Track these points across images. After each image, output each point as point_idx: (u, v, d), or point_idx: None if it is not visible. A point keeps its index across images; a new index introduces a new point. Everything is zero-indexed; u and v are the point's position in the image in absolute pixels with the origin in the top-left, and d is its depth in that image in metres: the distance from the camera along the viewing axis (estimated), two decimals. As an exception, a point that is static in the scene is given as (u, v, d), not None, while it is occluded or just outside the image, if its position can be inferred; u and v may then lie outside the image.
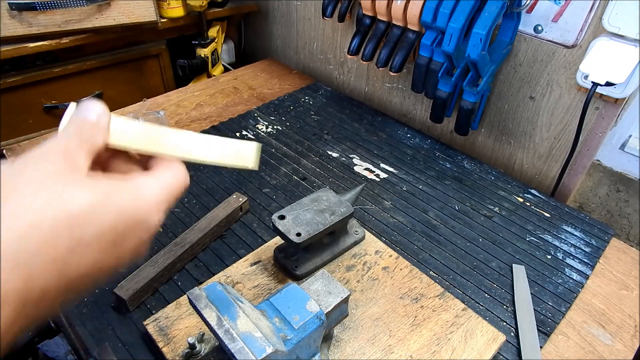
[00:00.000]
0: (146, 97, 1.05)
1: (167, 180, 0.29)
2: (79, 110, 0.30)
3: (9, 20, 0.91)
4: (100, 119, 0.30)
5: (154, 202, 0.28)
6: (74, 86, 1.11)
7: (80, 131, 0.28)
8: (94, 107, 0.30)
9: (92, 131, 0.29)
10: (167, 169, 0.30)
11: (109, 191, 0.26)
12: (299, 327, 0.43)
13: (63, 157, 0.26)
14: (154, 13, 1.06)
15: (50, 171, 0.25)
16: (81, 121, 0.29)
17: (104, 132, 0.30)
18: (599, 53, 0.69)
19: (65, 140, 0.27)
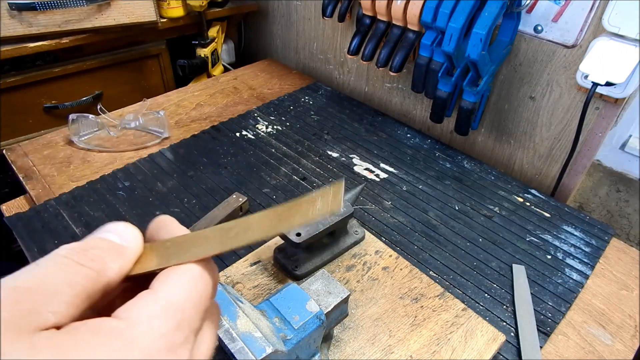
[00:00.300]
0: (146, 97, 1.05)
1: (172, 294, 0.20)
2: (104, 228, 0.22)
3: (9, 20, 0.91)
4: (127, 242, 0.21)
5: (153, 342, 0.18)
6: (74, 86, 1.11)
7: (84, 251, 0.20)
8: (123, 229, 0.22)
9: (105, 254, 0.20)
10: (173, 274, 0.20)
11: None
12: (299, 327, 0.43)
13: (17, 301, 0.17)
14: (154, 13, 1.06)
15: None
16: (96, 240, 0.21)
17: (125, 261, 0.21)
18: (599, 53, 0.69)
19: (40, 272, 0.18)
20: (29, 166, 0.85)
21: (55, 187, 0.80)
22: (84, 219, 0.73)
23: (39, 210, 0.74)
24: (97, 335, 0.17)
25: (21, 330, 0.16)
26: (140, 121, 0.96)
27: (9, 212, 0.76)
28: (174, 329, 0.19)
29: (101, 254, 0.20)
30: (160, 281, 0.20)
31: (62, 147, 0.90)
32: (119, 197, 0.78)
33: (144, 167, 0.85)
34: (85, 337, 0.17)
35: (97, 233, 0.21)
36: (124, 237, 0.21)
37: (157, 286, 0.20)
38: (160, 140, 0.93)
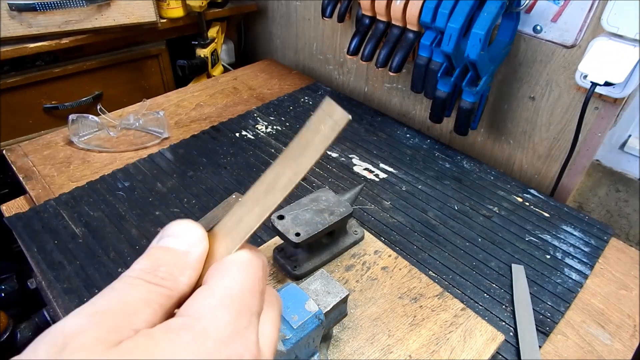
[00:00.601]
0: (146, 98, 1.05)
1: (226, 285, 0.20)
2: (164, 233, 0.21)
3: (9, 21, 0.91)
4: (193, 247, 0.21)
5: (221, 331, 0.19)
6: (74, 86, 1.11)
7: (154, 270, 0.20)
8: (186, 232, 0.22)
9: (173, 268, 0.20)
10: (223, 267, 0.21)
11: None
12: (298, 327, 0.43)
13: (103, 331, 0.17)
14: (153, 13, 1.06)
15: None
16: (161, 252, 0.21)
17: (194, 270, 0.21)
18: (598, 53, 0.69)
19: (118, 296, 0.19)
20: (29, 166, 0.85)
21: (55, 187, 0.80)
22: (83, 219, 0.73)
23: (38, 210, 0.75)
24: (169, 333, 0.18)
25: (109, 344, 0.17)
26: (140, 121, 0.96)
27: (9, 212, 0.76)
28: (236, 316, 0.20)
29: (170, 270, 0.20)
30: (212, 275, 0.21)
31: (62, 147, 0.90)
32: (118, 197, 0.78)
33: (144, 168, 0.85)
34: (160, 336, 0.18)
35: (161, 239, 0.21)
36: (188, 240, 0.21)
37: (210, 281, 0.20)
38: (160, 140, 0.93)
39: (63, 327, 0.17)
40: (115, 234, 0.71)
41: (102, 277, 0.64)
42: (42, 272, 0.65)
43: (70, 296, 0.61)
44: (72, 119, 0.90)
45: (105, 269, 0.65)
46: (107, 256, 0.67)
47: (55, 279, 0.63)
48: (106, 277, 0.64)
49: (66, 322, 0.18)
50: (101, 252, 0.68)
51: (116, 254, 0.67)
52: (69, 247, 0.68)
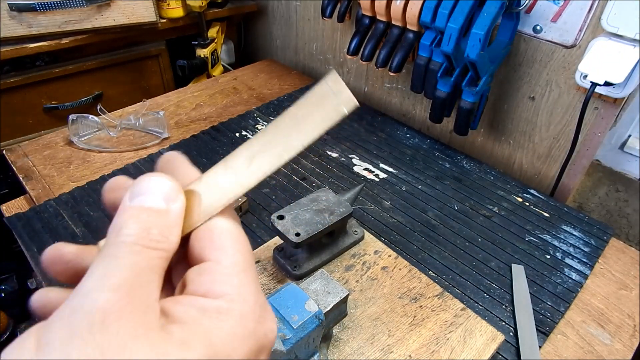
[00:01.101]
0: (146, 98, 1.05)
1: (235, 261, 0.20)
2: (135, 190, 0.20)
3: (9, 21, 0.91)
4: (172, 203, 0.20)
5: (254, 311, 0.19)
6: (74, 86, 1.11)
7: (147, 233, 0.19)
8: (165, 188, 0.20)
9: (164, 229, 0.19)
10: (221, 240, 0.21)
11: (203, 348, 0.17)
12: (298, 327, 0.43)
13: (130, 311, 0.17)
14: (153, 13, 1.06)
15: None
16: (145, 213, 0.19)
17: (179, 227, 0.20)
18: (597, 53, 0.69)
19: (128, 264, 0.18)
20: (29, 166, 0.85)
21: (55, 187, 0.80)
22: (83, 219, 0.73)
23: (38, 210, 0.75)
24: (212, 318, 0.18)
25: (150, 327, 0.17)
26: (140, 121, 0.96)
27: (9, 212, 0.76)
28: (257, 292, 0.20)
29: (162, 231, 0.19)
30: (212, 249, 0.20)
31: (62, 147, 0.90)
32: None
33: (144, 168, 0.85)
34: (203, 321, 0.18)
35: (135, 198, 0.20)
36: (164, 196, 0.20)
37: (216, 256, 0.20)
38: (159, 140, 0.93)
39: (94, 301, 0.16)
40: (115, 234, 0.71)
41: (102, 277, 0.64)
42: (42, 272, 0.65)
43: (70, 296, 0.61)
44: (72, 119, 0.90)
45: (105, 269, 0.65)
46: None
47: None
48: (106, 277, 0.64)
49: (89, 297, 0.17)
50: (101, 252, 0.68)
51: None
52: (69, 247, 0.68)
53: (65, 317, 0.16)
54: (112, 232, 0.20)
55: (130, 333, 0.16)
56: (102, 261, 0.18)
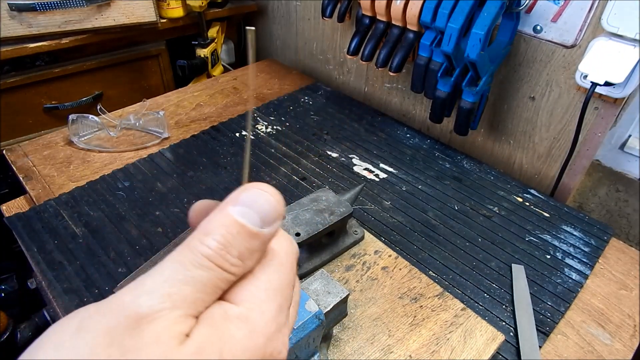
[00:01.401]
0: (146, 98, 1.05)
1: (271, 278, 0.20)
2: (241, 198, 0.21)
3: (9, 21, 0.91)
4: (267, 227, 0.20)
5: (268, 327, 0.19)
6: (74, 86, 1.11)
7: (226, 252, 0.19)
8: (264, 200, 0.20)
9: (245, 253, 0.19)
10: (265, 258, 0.21)
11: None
12: (298, 327, 0.43)
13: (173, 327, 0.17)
14: (153, 13, 1.06)
15: None
16: (236, 229, 0.19)
17: (261, 252, 0.21)
18: (598, 53, 0.69)
19: (192, 278, 0.18)
20: (29, 166, 0.85)
21: (55, 187, 0.80)
22: (84, 219, 0.73)
23: (39, 210, 0.75)
24: (229, 322, 0.18)
25: (181, 335, 0.17)
26: (140, 121, 0.96)
27: (9, 212, 0.76)
28: (278, 311, 0.20)
29: (242, 255, 0.19)
30: (259, 265, 0.21)
31: (62, 147, 0.90)
32: (118, 197, 0.78)
33: (144, 167, 0.85)
34: (222, 326, 0.18)
35: (238, 206, 0.20)
36: (267, 219, 0.20)
37: (257, 270, 0.20)
38: (159, 140, 0.93)
39: (138, 306, 0.17)
40: (115, 234, 0.71)
41: (102, 277, 0.64)
42: (42, 272, 0.65)
43: (70, 296, 0.61)
44: (72, 119, 0.90)
45: (105, 269, 0.65)
46: (107, 256, 0.67)
47: (55, 279, 0.63)
48: (106, 277, 0.64)
49: (139, 299, 0.17)
50: (101, 252, 0.68)
51: (116, 254, 0.67)
52: (69, 247, 0.68)
53: (108, 312, 0.17)
54: (198, 232, 0.19)
55: (153, 341, 0.17)
56: (172, 264, 0.19)
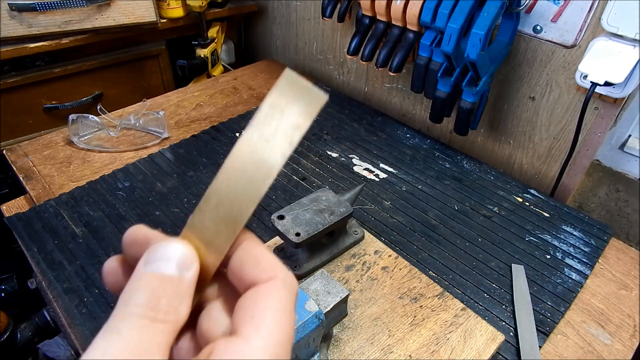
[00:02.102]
0: (146, 98, 1.05)
1: (265, 342, 0.19)
2: (150, 257, 0.20)
3: (9, 21, 0.91)
4: (186, 271, 0.20)
5: None
6: (74, 86, 1.11)
7: (156, 304, 0.18)
8: (173, 250, 0.20)
9: (174, 299, 0.19)
10: (259, 312, 0.19)
11: None
12: (298, 327, 0.43)
13: None
14: (153, 13, 1.06)
15: None
16: (156, 281, 0.19)
17: (191, 295, 0.20)
18: (597, 53, 0.69)
19: (131, 343, 0.17)
20: (29, 166, 0.85)
21: (55, 187, 0.80)
22: (84, 219, 0.73)
23: (39, 210, 0.75)
24: None
25: None
26: (140, 121, 0.96)
27: (9, 212, 0.76)
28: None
29: (171, 302, 0.19)
30: (250, 325, 0.19)
31: (62, 147, 0.90)
32: (118, 197, 0.78)
33: (144, 167, 0.85)
34: None
35: (149, 264, 0.19)
36: (179, 263, 0.19)
37: (248, 333, 0.19)
38: (160, 140, 0.93)
39: None
40: (115, 234, 0.71)
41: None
42: (42, 272, 0.65)
43: (70, 296, 0.61)
44: (72, 119, 0.90)
45: (105, 269, 0.65)
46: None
47: (55, 279, 0.63)
48: (106, 277, 0.64)
49: None
50: (101, 252, 0.68)
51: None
52: (69, 247, 0.68)
53: None
54: (122, 300, 0.19)
55: None
56: (105, 336, 0.18)
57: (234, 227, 0.20)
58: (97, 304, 0.60)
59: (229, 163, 0.20)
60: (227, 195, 0.20)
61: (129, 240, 0.22)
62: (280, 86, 0.20)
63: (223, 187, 0.20)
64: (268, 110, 0.20)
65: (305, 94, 0.20)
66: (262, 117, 0.20)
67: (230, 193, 0.20)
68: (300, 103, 0.20)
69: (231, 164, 0.21)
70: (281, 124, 0.20)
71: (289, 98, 0.20)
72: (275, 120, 0.20)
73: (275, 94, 0.20)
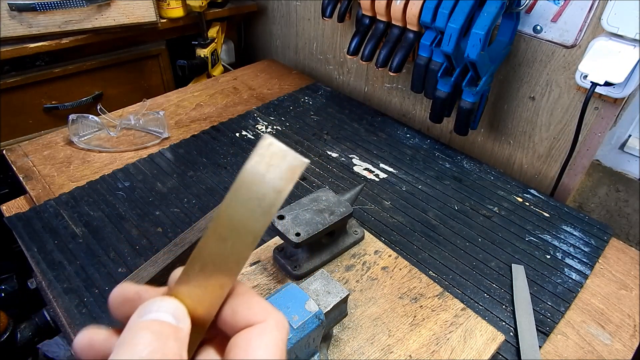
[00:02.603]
0: (146, 98, 1.05)
1: None
2: (144, 309, 0.20)
3: (9, 21, 0.91)
4: (181, 322, 0.20)
5: None
6: (74, 86, 1.11)
7: (164, 345, 0.18)
8: (167, 303, 0.20)
9: (178, 345, 0.19)
10: (251, 349, 0.20)
11: None
12: (298, 327, 0.43)
13: None
14: (153, 13, 1.06)
15: None
16: (159, 325, 0.19)
17: (186, 347, 0.20)
18: (598, 53, 0.69)
19: None
20: (29, 166, 0.85)
21: (55, 187, 0.80)
22: (84, 219, 0.73)
23: (39, 210, 0.75)
24: None
25: None
26: (140, 121, 0.96)
27: (9, 212, 0.76)
28: None
29: (177, 347, 0.18)
30: (237, 355, 0.19)
31: (62, 147, 0.90)
32: (119, 197, 0.78)
33: (144, 167, 0.85)
34: None
35: (148, 314, 0.19)
36: (179, 316, 0.20)
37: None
38: (160, 140, 0.93)
39: None
40: (115, 234, 0.71)
41: (102, 277, 0.64)
42: (42, 272, 0.65)
43: (70, 296, 0.61)
44: (72, 119, 0.90)
45: (105, 269, 0.65)
46: (107, 256, 0.67)
47: (55, 279, 0.63)
48: (106, 277, 0.64)
49: None
50: (101, 252, 0.68)
51: (116, 254, 0.67)
52: (69, 247, 0.68)
53: None
54: (122, 346, 0.18)
55: None
56: None
57: (220, 292, 0.20)
58: (97, 304, 0.60)
59: (211, 230, 0.20)
60: (212, 262, 0.20)
61: (119, 299, 0.21)
62: (259, 152, 0.20)
63: (205, 254, 0.20)
64: (248, 176, 0.20)
65: (286, 158, 0.21)
66: (242, 183, 0.20)
67: (215, 259, 0.20)
68: (280, 168, 0.21)
69: (213, 231, 0.20)
70: (262, 190, 0.20)
71: (268, 163, 0.20)
72: (255, 185, 0.20)
73: (255, 159, 0.20)
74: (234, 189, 0.20)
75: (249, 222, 0.20)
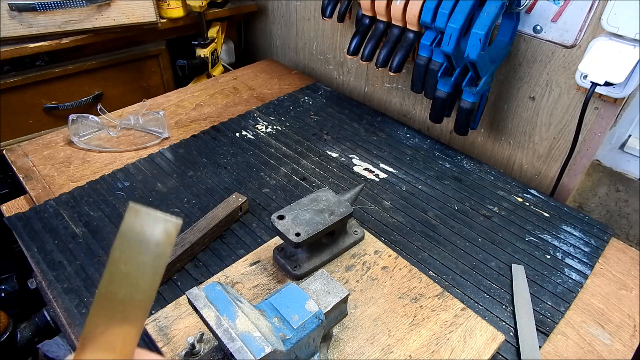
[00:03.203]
0: (146, 98, 1.05)
1: None
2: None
3: (9, 21, 0.91)
4: None
5: None
6: (74, 86, 1.11)
7: None
8: None
9: None
10: None
11: None
12: (298, 327, 0.43)
13: None
14: (153, 13, 1.06)
15: None
16: None
17: None
18: (598, 53, 0.69)
19: None
20: (29, 166, 0.85)
21: (55, 187, 0.80)
22: (84, 219, 0.73)
23: (39, 210, 0.75)
24: None
25: None
26: (140, 121, 0.96)
27: (9, 212, 0.76)
28: None
29: None
30: None
31: (62, 147, 0.90)
32: (118, 197, 0.78)
33: (144, 168, 0.85)
34: None
35: None
36: None
37: None
38: (160, 140, 0.93)
39: None
40: (116, 234, 0.70)
41: (102, 277, 0.64)
42: (42, 272, 0.65)
43: (70, 296, 0.61)
44: (72, 119, 0.90)
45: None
46: (107, 256, 0.67)
47: (55, 279, 0.63)
48: (106, 277, 0.64)
49: None
50: (101, 252, 0.68)
51: None
52: (69, 247, 0.68)
53: None
54: None
55: None
56: None
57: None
58: (97, 304, 0.60)
59: (96, 304, 0.21)
60: (106, 332, 0.21)
61: None
62: (128, 222, 0.20)
63: (100, 323, 0.21)
64: (124, 246, 0.21)
65: (157, 222, 0.20)
66: (119, 253, 0.21)
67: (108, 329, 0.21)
68: (154, 234, 0.20)
69: (98, 303, 0.21)
70: (140, 258, 0.20)
71: (140, 231, 0.20)
72: (134, 253, 0.21)
73: (125, 228, 0.20)
74: (113, 261, 0.21)
75: (137, 296, 0.21)
